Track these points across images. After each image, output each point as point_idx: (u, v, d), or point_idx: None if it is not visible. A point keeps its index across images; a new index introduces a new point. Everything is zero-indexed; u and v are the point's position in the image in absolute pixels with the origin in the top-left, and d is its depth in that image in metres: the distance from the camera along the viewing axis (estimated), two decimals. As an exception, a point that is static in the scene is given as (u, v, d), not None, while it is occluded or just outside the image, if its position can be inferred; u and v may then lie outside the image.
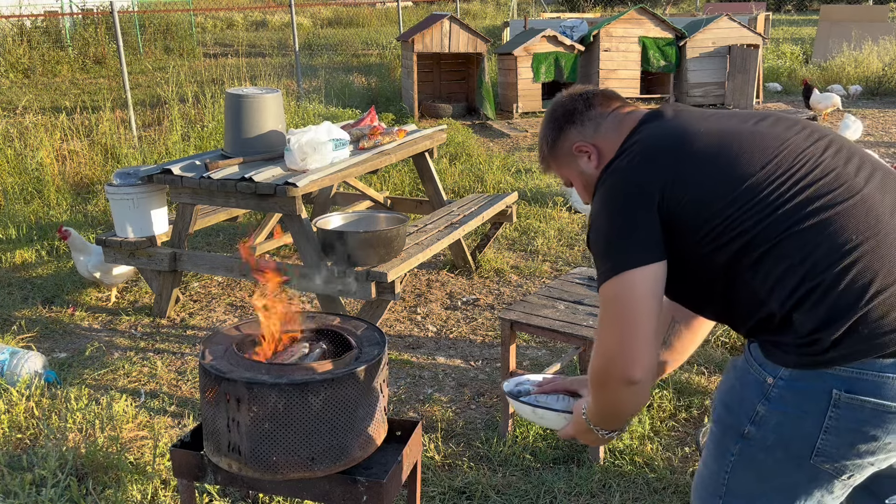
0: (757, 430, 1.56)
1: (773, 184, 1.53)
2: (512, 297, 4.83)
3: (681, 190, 1.57)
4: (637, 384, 1.56)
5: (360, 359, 2.23)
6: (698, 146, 1.60)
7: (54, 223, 6.24)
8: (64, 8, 18.83)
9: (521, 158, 8.38)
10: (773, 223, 1.51)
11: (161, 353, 4.17)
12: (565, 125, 1.82)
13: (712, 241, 1.55)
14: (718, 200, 1.54)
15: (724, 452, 1.63)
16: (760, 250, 1.52)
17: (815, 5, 27.11)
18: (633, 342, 1.54)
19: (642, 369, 1.54)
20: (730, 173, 1.55)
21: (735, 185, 1.54)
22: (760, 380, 1.55)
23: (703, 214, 1.55)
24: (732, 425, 1.61)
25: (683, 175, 1.58)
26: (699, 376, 3.73)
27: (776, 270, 1.51)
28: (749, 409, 1.57)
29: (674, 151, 1.61)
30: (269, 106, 4.35)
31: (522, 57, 10.58)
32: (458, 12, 14.61)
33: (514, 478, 2.98)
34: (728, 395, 1.64)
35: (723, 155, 1.58)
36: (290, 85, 11.66)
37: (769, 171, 1.54)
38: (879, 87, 12.19)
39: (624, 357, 1.55)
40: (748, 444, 1.58)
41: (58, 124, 8.08)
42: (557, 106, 1.86)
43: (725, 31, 11.11)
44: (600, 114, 1.80)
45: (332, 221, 3.99)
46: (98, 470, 2.91)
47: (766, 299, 1.53)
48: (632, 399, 1.61)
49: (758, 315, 1.56)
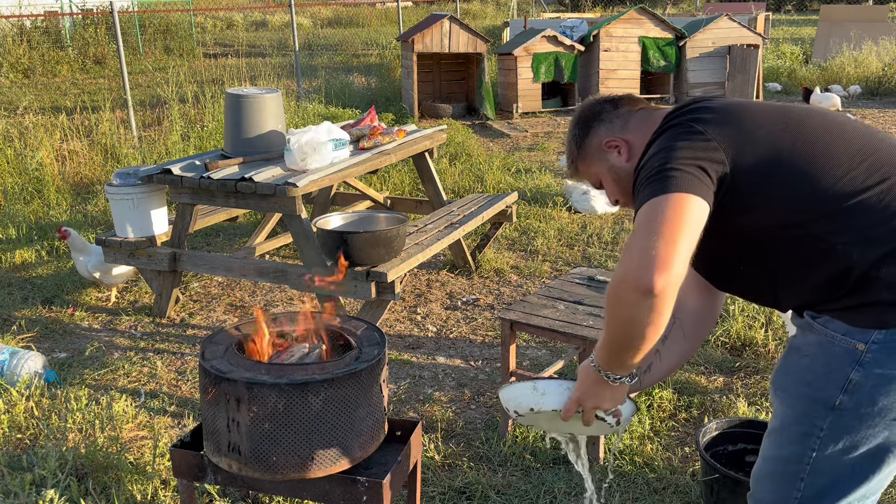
0: (850, 398, 1.53)
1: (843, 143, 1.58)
2: (512, 297, 4.83)
3: (748, 146, 1.56)
4: (656, 297, 1.41)
5: (360, 359, 2.23)
6: (758, 109, 1.64)
7: (54, 223, 6.24)
8: (64, 8, 18.83)
9: (521, 158, 8.38)
10: (851, 179, 1.53)
11: (161, 353, 4.17)
12: (593, 123, 1.81)
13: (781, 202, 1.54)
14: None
15: (810, 430, 1.58)
16: (844, 204, 1.51)
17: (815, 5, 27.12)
18: (666, 248, 1.42)
19: (666, 278, 1.40)
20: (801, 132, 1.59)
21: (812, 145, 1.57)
22: (850, 349, 1.52)
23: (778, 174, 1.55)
24: (819, 399, 1.56)
25: (746, 131, 1.58)
26: (699, 376, 3.73)
27: (860, 223, 1.50)
28: (840, 379, 1.53)
29: (734, 114, 1.62)
30: (269, 106, 4.35)
31: (522, 57, 10.59)
32: (458, 12, 14.61)
33: (514, 478, 2.98)
34: (808, 373, 1.59)
35: (790, 120, 1.62)
36: (290, 85, 11.66)
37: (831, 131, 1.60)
38: (879, 88, 12.19)
39: (650, 260, 1.41)
40: (840, 415, 1.55)
41: (58, 124, 8.08)
42: (584, 108, 1.86)
43: (725, 31, 11.11)
44: (628, 111, 1.80)
45: (332, 221, 3.99)
46: (98, 470, 2.91)
47: (846, 256, 1.51)
48: (647, 317, 1.45)
49: (825, 277, 1.54)
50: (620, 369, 1.63)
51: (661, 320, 1.46)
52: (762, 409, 3.42)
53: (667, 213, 1.46)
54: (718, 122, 1.59)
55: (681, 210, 1.47)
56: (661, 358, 1.89)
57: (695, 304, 1.88)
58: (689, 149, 1.55)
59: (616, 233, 5.87)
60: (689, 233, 1.46)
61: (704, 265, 1.71)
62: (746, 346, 4.00)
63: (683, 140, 1.58)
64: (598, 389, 1.68)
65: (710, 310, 1.92)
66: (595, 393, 1.69)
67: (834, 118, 1.65)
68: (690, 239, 1.46)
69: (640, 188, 1.56)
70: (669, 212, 1.47)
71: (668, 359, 1.91)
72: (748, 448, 2.85)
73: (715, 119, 1.60)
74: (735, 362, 3.88)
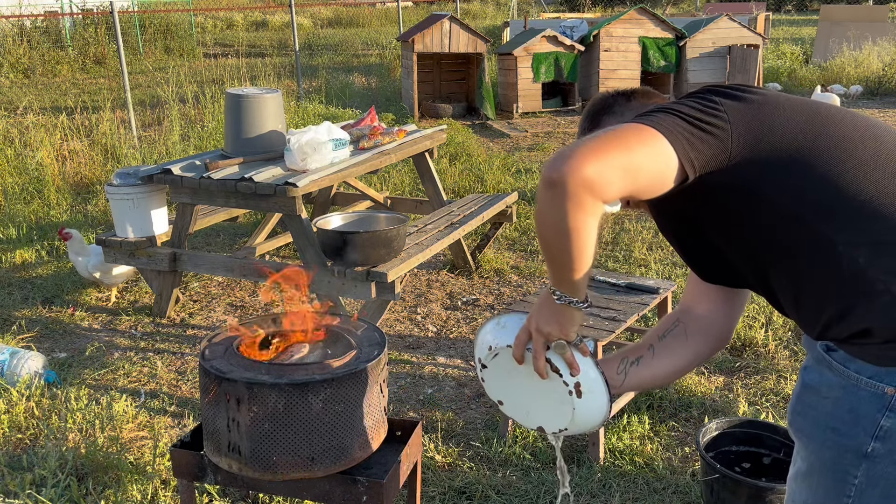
0: (883, 444, 1.41)
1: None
2: (512, 297, 4.83)
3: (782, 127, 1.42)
4: (556, 186, 1.30)
5: (360, 359, 2.23)
6: (793, 101, 1.50)
7: (54, 223, 6.24)
8: (64, 8, 18.82)
9: (521, 158, 8.38)
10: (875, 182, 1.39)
11: (161, 353, 4.17)
12: (603, 116, 1.72)
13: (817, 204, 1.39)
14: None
15: (844, 478, 1.46)
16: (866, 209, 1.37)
17: (815, 5, 27.12)
18: (590, 150, 1.30)
19: (570, 170, 1.28)
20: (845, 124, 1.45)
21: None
22: (878, 393, 1.39)
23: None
24: (849, 447, 1.44)
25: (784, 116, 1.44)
26: (699, 376, 3.73)
27: (879, 228, 1.36)
28: (869, 426, 1.41)
29: (754, 95, 1.49)
30: (269, 106, 4.35)
31: (522, 57, 10.59)
32: (458, 12, 14.61)
33: (514, 478, 2.98)
34: (831, 419, 1.46)
35: (825, 112, 1.48)
36: (290, 85, 11.67)
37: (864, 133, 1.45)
38: (879, 88, 12.19)
39: (565, 153, 1.31)
40: (874, 463, 1.43)
41: (58, 124, 8.08)
42: (595, 101, 1.77)
43: (725, 31, 11.11)
44: (642, 104, 1.69)
45: (332, 221, 3.99)
46: (98, 470, 2.91)
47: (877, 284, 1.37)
48: (554, 212, 1.33)
49: (856, 305, 1.38)
50: (564, 285, 1.47)
51: (572, 219, 1.32)
52: (762, 409, 3.43)
53: (619, 130, 1.35)
54: (737, 99, 1.46)
55: (639, 136, 1.34)
56: (655, 354, 1.76)
57: (704, 312, 1.77)
58: (695, 109, 1.42)
59: (616, 233, 5.87)
60: (632, 156, 1.32)
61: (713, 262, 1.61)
62: (746, 347, 4.00)
63: (691, 102, 1.46)
64: (546, 310, 1.53)
65: (722, 322, 1.78)
66: (543, 315, 1.53)
67: (865, 119, 1.50)
68: (629, 161, 1.32)
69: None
70: (624, 130, 1.35)
71: (664, 359, 1.77)
72: (748, 448, 2.85)
73: (733, 96, 1.47)
74: (735, 362, 3.88)
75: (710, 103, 1.45)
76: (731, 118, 1.43)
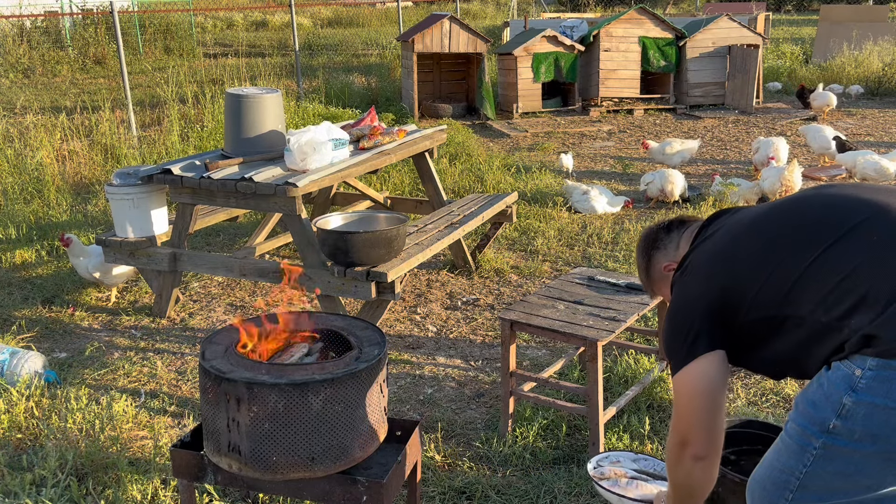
0: (843, 423, 1.58)
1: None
2: (512, 297, 4.83)
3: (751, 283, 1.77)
4: (704, 459, 1.81)
5: (360, 359, 2.23)
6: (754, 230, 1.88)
7: (54, 223, 6.24)
8: (64, 8, 18.82)
9: (521, 158, 8.38)
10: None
11: (161, 353, 4.17)
12: (651, 252, 2.14)
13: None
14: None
15: (805, 447, 1.66)
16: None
17: (815, 5, 27.11)
18: (697, 428, 1.81)
19: (705, 446, 1.80)
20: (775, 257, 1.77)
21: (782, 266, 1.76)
22: (849, 373, 1.58)
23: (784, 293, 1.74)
24: (816, 420, 1.63)
25: (746, 270, 1.79)
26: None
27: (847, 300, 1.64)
28: (836, 403, 1.59)
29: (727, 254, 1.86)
30: (269, 106, 4.35)
31: (522, 57, 10.59)
32: (458, 12, 14.61)
33: (514, 478, 2.98)
34: (815, 393, 1.66)
35: (773, 242, 1.81)
36: (290, 85, 11.67)
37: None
38: (879, 88, 12.19)
39: (692, 437, 1.81)
40: (833, 438, 1.60)
41: (58, 124, 8.08)
42: (644, 237, 2.19)
43: (725, 31, 11.11)
44: (678, 234, 2.11)
45: (332, 221, 3.99)
46: (98, 470, 2.91)
47: (839, 324, 1.64)
48: (701, 474, 1.84)
49: (837, 340, 1.66)
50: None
51: (713, 470, 1.85)
52: (762, 409, 3.42)
53: (685, 393, 1.83)
54: (716, 257, 1.86)
55: (692, 385, 1.81)
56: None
57: None
58: (699, 299, 1.83)
59: (616, 233, 5.87)
60: (706, 402, 1.81)
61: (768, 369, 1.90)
62: (746, 346, 3.99)
63: (693, 289, 1.86)
64: None
65: None
66: None
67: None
68: (711, 403, 1.80)
69: (670, 346, 1.88)
70: (684, 389, 1.83)
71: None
72: (748, 448, 2.84)
73: (713, 252, 1.87)
74: (735, 362, 3.87)
75: (704, 281, 1.85)
76: (721, 280, 1.83)
